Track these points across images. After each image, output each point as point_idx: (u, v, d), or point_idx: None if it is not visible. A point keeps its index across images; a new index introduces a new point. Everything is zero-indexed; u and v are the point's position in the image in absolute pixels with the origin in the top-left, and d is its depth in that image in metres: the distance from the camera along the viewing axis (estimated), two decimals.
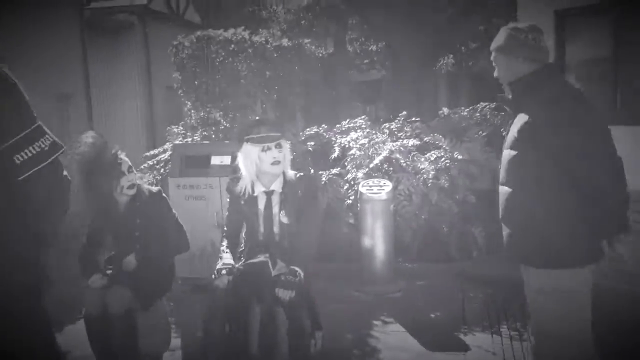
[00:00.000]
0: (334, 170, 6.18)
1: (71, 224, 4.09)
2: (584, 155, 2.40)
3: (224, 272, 3.33)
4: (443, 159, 5.94)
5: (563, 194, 2.46)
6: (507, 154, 2.62)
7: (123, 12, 12.00)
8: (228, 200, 3.61)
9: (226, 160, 5.33)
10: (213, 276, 3.36)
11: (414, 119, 6.80)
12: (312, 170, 6.14)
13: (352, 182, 5.97)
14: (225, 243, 3.55)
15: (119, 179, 3.62)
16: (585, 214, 2.45)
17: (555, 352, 2.58)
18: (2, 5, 7.29)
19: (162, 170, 6.53)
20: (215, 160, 5.37)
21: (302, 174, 3.56)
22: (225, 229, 3.64)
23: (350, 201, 5.87)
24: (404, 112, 6.89)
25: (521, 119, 2.54)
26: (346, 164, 6.21)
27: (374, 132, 6.63)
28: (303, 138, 6.76)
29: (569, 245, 2.49)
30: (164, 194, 3.94)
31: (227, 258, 3.43)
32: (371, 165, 5.93)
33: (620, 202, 2.44)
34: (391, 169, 5.98)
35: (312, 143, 6.62)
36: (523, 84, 2.59)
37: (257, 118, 3.82)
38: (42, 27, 8.48)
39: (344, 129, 6.93)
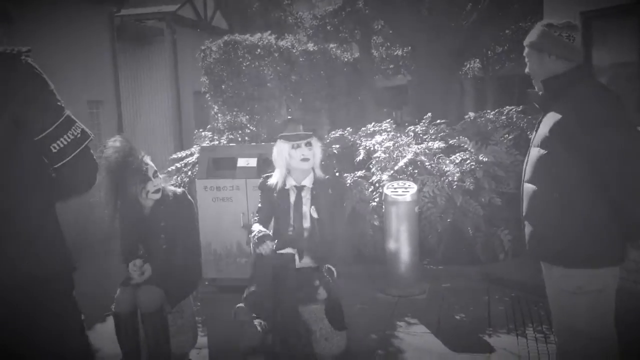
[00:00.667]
0: (359, 173, 6.21)
1: (100, 227, 4.21)
2: (615, 157, 2.38)
3: (267, 240, 3.37)
4: (468, 161, 5.93)
5: (591, 195, 2.44)
6: (536, 152, 2.61)
7: (152, 19, 12.23)
8: (260, 195, 3.73)
9: (252, 162, 5.41)
10: (253, 240, 3.41)
11: (439, 121, 6.80)
12: (337, 173, 6.18)
13: (377, 185, 6.00)
14: (257, 219, 3.64)
15: (145, 183, 3.69)
16: (612, 215, 2.44)
17: (580, 350, 2.57)
18: (35, 13, 7.49)
19: (189, 173, 6.64)
20: (242, 162, 5.45)
21: (329, 176, 3.72)
22: (256, 217, 3.71)
23: (375, 203, 5.89)
24: (429, 114, 6.89)
25: (552, 117, 2.53)
26: (371, 166, 6.24)
27: (398, 134, 6.64)
28: (328, 141, 6.81)
29: (594, 246, 2.47)
30: (189, 196, 4.02)
31: (263, 229, 3.50)
32: (396, 168, 5.95)
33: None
34: (416, 171, 5.99)
35: (337, 146, 6.66)
36: (556, 83, 2.58)
37: (289, 117, 3.97)
38: (74, 34, 8.69)
39: (369, 132, 6.96)
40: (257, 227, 3.51)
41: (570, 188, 2.48)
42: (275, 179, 3.62)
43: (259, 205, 3.75)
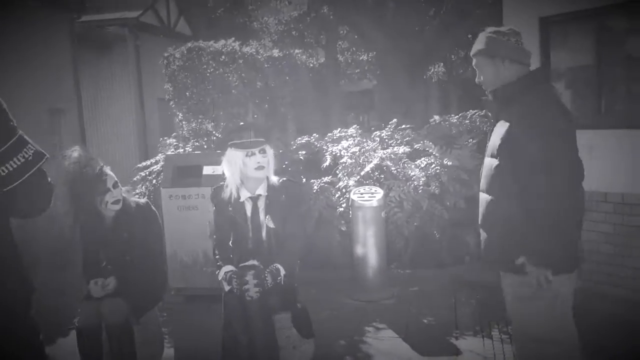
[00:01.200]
0: (326, 179, 6.22)
1: (60, 237, 4.12)
2: (549, 168, 2.38)
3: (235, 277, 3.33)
4: (433, 165, 5.99)
5: (542, 203, 2.41)
6: (488, 162, 2.63)
7: (114, 24, 12.06)
8: (214, 209, 3.64)
9: (218, 170, 5.33)
10: (225, 284, 3.38)
11: (404, 126, 6.86)
12: (304, 179, 6.18)
13: (343, 190, 6.01)
14: (217, 252, 3.58)
15: (104, 194, 3.63)
16: (562, 222, 2.43)
17: (539, 355, 2.59)
18: None
19: (154, 182, 6.55)
20: (208, 170, 5.39)
21: (284, 179, 3.61)
22: (215, 237, 3.67)
23: (342, 209, 5.91)
24: (395, 120, 6.95)
25: (502, 126, 2.55)
26: (337, 172, 6.25)
27: (364, 140, 6.67)
28: (294, 147, 6.80)
29: (547, 252, 2.46)
30: (152, 207, 3.96)
31: (227, 267, 3.45)
32: (362, 173, 5.98)
33: (573, 226, 2.50)
34: (382, 176, 6.03)
35: (304, 152, 6.66)
36: (506, 91, 2.59)
37: (241, 124, 3.85)
38: (33, 41, 8.50)
39: (335, 137, 6.97)
40: (226, 268, 3.44)
41: (521, 197, 2.47)
42: (228, 191, 3.51)
43: (215, 223, 3.64)
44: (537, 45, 5.21)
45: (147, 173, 6.77)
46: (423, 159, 6.14)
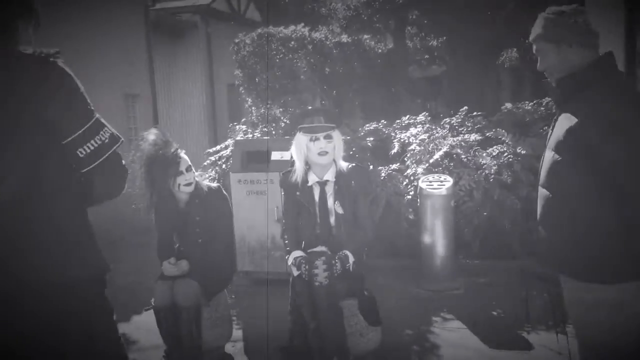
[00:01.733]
0: (394, 166, 6.15)
1: (136, 218, 4.26)
2: (633, 170, 2.15)
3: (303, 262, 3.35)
4: (506, 154, 5.81)
5: (607, 206, 2.21)
6: (550, 156, 2.37)
7: (187, 12, 12.32)
8: (283, 194, 3.66)
9: (286, 155, 5.36)
10: (294, 269, 3.41)
11: (475, 113, 6.68)
12: (371, 166, 6.13)
13: (411, 178, 5.92)
14: (286, 237, 3.60)
15: (177, 176, 3.71)
16: (630, 229, 2.19)
17: None
18: (69, 6, 7.60)
19: (223, 166, 6.67)
20: (276, 155, 5.44)
21: (353, 164, 3.58)
22: (283, 221, 3.69)
23: (409, 197, 5.83)
24: (465, 107, 6.78)
25: (567, 120, 2.28)
26: (406, 159, 6.17)
27: (434, 127, 6.55)
28: (362, 134, 6.75)
29: (611, 260, 2.24)
30: (224, 191, 4.03)
31: (297, 253, 3.47)
32: (431, 161, 5.87)
33: None
34: (452, 164, 5.89)
35: (372, 139, 6.60)
36: (574, 81, 2.32)
37: (309, 107, 3.83)
38: (109, 28, 8.80)
39: (403, 124, 6.88)
40: (295, 253, 3.47)
41: (584, 198, 2.25)
42: (296, 175, 3.52)
43: (284, 208, 3.66)
44: (622, 27, 4.93)
45: (216, 158, 6.90)
46: (495, 147, 5.97)
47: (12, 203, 1.67)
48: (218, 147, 7.24)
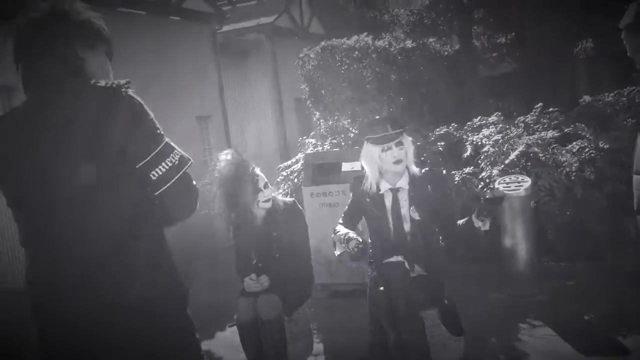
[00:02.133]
0: (467, 169, 5.99)
1: (216, 237, 4.36)
2: None
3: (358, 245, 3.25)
4: (587, 149, 5.54)
5: None
6: None
7: (252, 32, 12.61)
8: (351, 197, 3.61)
9: (357, 166, 5.35)
10: (340, 241, 3.36)
11: (551, 109, 6.41)
12: (444, 171, 5.99)
13: (487, 180, 5.75)
14: (339, 229, 3.52)
15: (257, 194, 3.78)
16: None
17: None
18: (139, 34, 7.94)
19: (295, 180, 6.73)
20: (346, 166, 5.43)
21: (427, 169, 3.50)
22: (339, 222, 3.61)
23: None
24: (540, 104, 6.52)
25: None
26: (480, 161, 6.00)
27: (508, 127, 6.34)
28: (433, 138, 6.63)
29: None
30: (298, 205, 4.06)
31: (346, 230, 3.41)
32: (507, 162, 5.67)
33: None
34: (529, 163, 5.68)
35: (443, 143, 6.46)
36: None
37: (376, 117, 3.77)
38: (180, 54, 9.13)
39: (475, 126, 6.70)
40: (341, 228, 3.42)
41: None
42: (367, 184, 3.45)
43: (347, 208, 3.61)
44: None
45: (288, 172, 6.97)
46: (575, 143, 5.70)
47: (98, 228, 1.74)
48: (289, 162, 7.32)
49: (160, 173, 1.78)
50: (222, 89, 10.40)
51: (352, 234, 3.35)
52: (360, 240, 3.27)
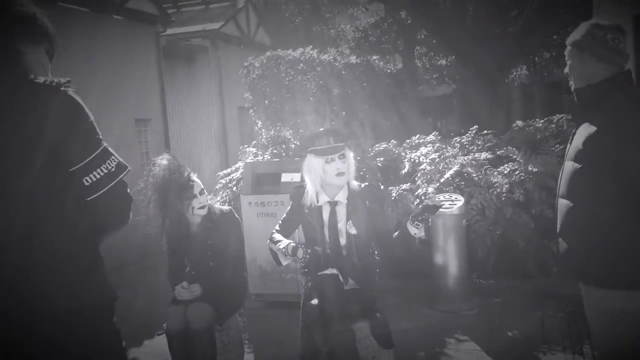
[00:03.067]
0: (404, 186, 6.12)
1: (147, 243, 4.27)
2: None
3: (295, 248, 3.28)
4: (517, 172, 5.77)
5: (627, 212, 2.26)
6: (570, 165, 2.45)
7: (197, 37, 12.47)
8: (290, 205, 3.59)
9: (296, 177, 5.39)
10: (284, 253, 3.33)
11: (485, 131, 6.65)
12: (382, 186, 6.10)
13: (422, 197, 5.88)
14: (275, 237, 3.50)
15: (191, 200, 3.73)
16: None
17: None
18: (81, 34, 7.72)
19: (234, 189, 6.68)
20: (286, 177, 5.44)
21: (366, 184, 3.54)
22: (274, 230, 3.60)
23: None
24: (476, 126, 6.76)
25: (586, 129, 2.36)
26: (416, 179, 6.14)
27: (444, 146, 6.52)
28: (372, 154, 6.74)
29: (635, 265, 2.28)
30: (235, 214, 4.03)
31: (286, 241, 3.39)
32: (442, 180, 5.83)
33: None
34: (463, 183, 5.86)
35: (382, 158, 6.59)
36: (590, 92, 2.42)
37: (320, 129, 3.77)
38: (122, 55, 8.93)
39: (413, 144, 6.86)
40: (280, 237, 3.42)
41: (605, 205, 2.31)
42: (307, 196, 3.44)
43: (284, 217, 3.60)
44: (630, 44, 4.91)
45: (227, 180, 6.92)
46: (506, 165, 5.93)
47: (24, 231, 1.67)
48: (229, 170, 7.26)
49: (95, 179, 1.72)
50: (163, 92, 10.21)
51: (293, 243, 3.35)
52: (305, 248, 3.29)
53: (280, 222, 3.63)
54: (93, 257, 1.83)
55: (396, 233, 3.48)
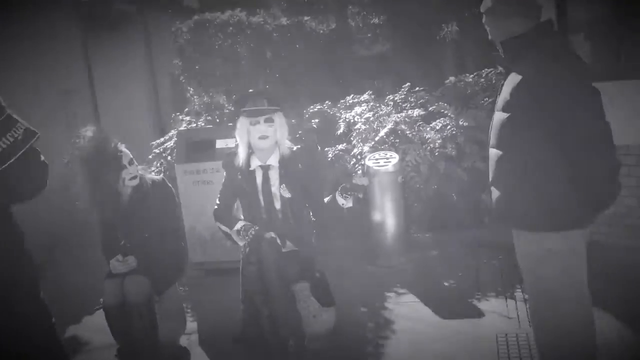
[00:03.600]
0: (340, 146, 6.15)
1: (78, 218, 4.14)
2: (573, 120, 2.30)
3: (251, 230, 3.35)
4: (449, 127, 5.88)
5: (554, 158, 2.39)
6: (499, 115, 2.55)
7: (122, 3, 11.94)
8: (224, 176, 3.59)
9: (231, 143, 5.30)
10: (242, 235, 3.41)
11: (417, 88, 6.73)
12: (318, 148, 6.11)
13: (358, 157, 5.94)
14: (219, 217, 3.59)
15: (120, 171, 3.63)
16: (576, 178, 2.37)
17: (552, 310, 2.56)
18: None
19: (169, 158, 6.54)
20: (220, 143, 5.36)
21: (298, 147, 3.54)
22: (216, 206, 3.62)
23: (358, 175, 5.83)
24: (408, 83, 6.82)
25: (513, 79, 2.46)
26: (352, 138, 6.18)
27: (378, 105, 6.57)
28: (307, 116, 6.72)
29: (559, 208, 2.43)
30: (168, 183, 3.96)
31: (240, 223, 3.45)
32: (377, 138, 5.89)
33: (610, 169, 2.36)
34: (397, 140, 5.93)
35: (317, 120, 6.57)
36: (515, 43, 2.51)
37: (251, 90, 3.76)
38: (40, 24, 8.45)
39: (348, 104, 6.87)
40: (239, 223, 3.45)
41: (532, 152, 2.42)
42: (238, 159, 3.47)
43: (221, 189, 3.61)
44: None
45: (161, 150, 6.76)
46: (438, 120, 6.04)
47: None
48: (162, 139, 7.09)
49: (2, 148, 1.64)
50: (88, 62, 9.79)
51: (240, 224, 3.40)
52: (250, 224, 3.38)
53: (219, 195, 3.61)
54: (9, 232, 1.76)
55: (328, 198, 3.53)
